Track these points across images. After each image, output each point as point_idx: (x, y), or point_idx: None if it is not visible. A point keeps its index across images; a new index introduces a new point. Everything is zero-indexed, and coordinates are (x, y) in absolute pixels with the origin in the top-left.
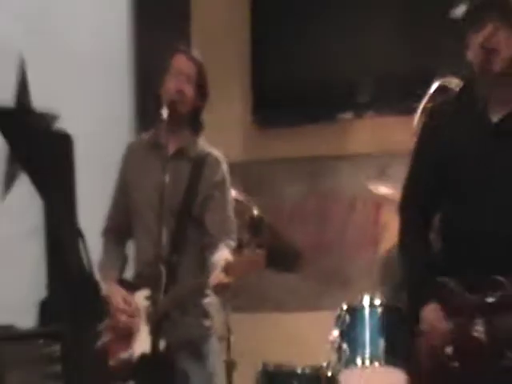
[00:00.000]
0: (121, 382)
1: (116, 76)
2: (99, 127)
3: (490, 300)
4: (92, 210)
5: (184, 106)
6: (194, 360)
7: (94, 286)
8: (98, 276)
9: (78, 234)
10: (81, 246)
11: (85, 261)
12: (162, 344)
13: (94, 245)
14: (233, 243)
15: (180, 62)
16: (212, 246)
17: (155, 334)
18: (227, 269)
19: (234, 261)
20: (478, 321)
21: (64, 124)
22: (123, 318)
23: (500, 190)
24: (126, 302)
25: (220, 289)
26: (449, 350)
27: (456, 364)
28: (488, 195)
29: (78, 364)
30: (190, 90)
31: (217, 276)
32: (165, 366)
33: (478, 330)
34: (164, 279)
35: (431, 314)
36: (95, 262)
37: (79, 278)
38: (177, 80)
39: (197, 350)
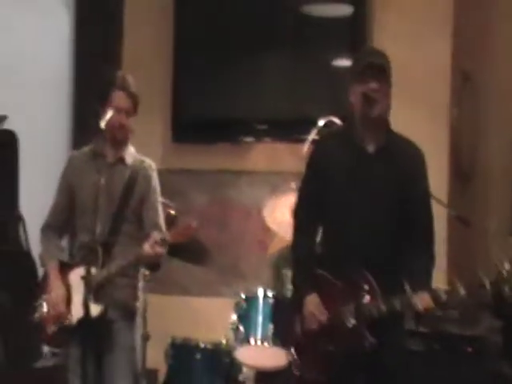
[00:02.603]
0: (52, 348)
1: (57, 87)
2: (42, 128)
3: (355, 289)
4: (32, 199)
5: (125, 134)
6: (124, 331)
7: (31, 264)
8: (36, 259)
9: (18, 218)
10: (21, 228)
11: (23, 242)
12: (99, 308)
13: (32, 229)
14: (162, 234)
15: (120, 100)
16: (146, 238)
17: (91, 300)
18: (159, 241)
19: (173, 231)
20: (349, 310)
21: (11, 124)
22: (56, 308)
23: (368, 204)
24: (62, 299)
25: (154, 258)
26: (325, 336)
27: (331, 348)
28: (359, 208)
29: (16, 329)
30: (129, 122)
31: (149, 247)
32: (100, 329)
33: (350, 320)
34: (101, 257)
35: (312, 304)
36: (34, 245)
37: (18, 256)
38: (118, 116)
39: (127, 324)
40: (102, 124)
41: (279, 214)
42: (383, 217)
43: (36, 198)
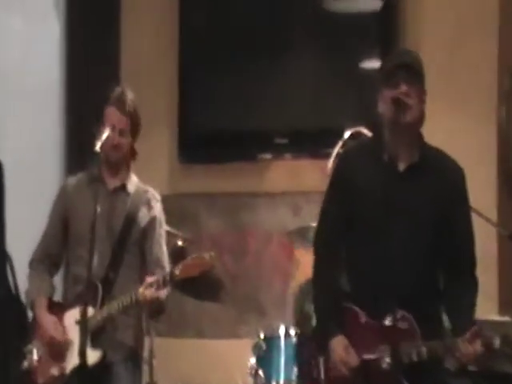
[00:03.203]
0: None
1: (47, 108)
2: (30, 156)
3: (392, 328)
4: (21, 234)
5: (120, 155)
6: (126, 377)
7: (20, 309)
8: (24, 300)
9: (5, 256)
10: (8, 268)
11: (11, 283)
12: (97, 355)
13: (20, 269)
14: (167, 276)
15: (113, 117)
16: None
17: (87, 346)
18: (156, 282)
19: (183, 264)
20: (384, 350)
21: None
22: (54, 341)
23: (401, 230)
24: (56, 327)
25: (150, 303)
26: (360, 378)
27: None
28: (390, 235)
29: (4, 381)
30: (124, 141)
31: (144, 291)
32: (99, 375)
33: (386, 361)
34: (100, 295)
35: (341, 348)
36: (21, 286)
37: (5, 299)
38: (112, 135)
39: (130, 369)
40: (97, 146)
41: None
42: (418, 244)
43: (25, 233)
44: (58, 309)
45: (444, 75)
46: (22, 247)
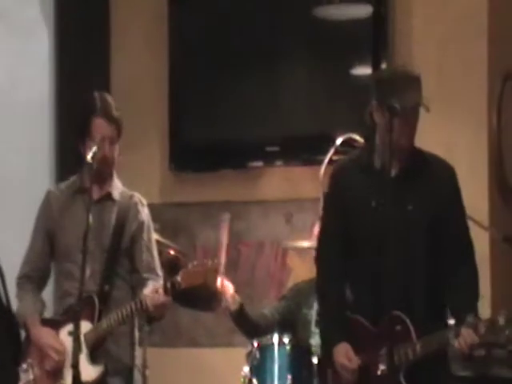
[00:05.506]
0: None
1: (37, 121)
2: (20, 168)
3: (388, 331)
4: (10, 248)
5: (109, 166)
6: None
7: (12, 321)
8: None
9: None
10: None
11: (2, 297)
12: (99, 370)
13: (11, 281)
14: (160, 280)
15: (102, 128)
16: (141, 284)
17: (88, 361)
18: (161, 288)
19: (185, 272)
20: (380, 356)
21: None
22: (55, 355)
23: (397, 234)
24: (55, 339)
25: (159, 308)
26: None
27: None
28: (387, 240)
29: None
30: (112, 151)
31: (153, 296)
32: None
33: (380, 367)
34: (97, 308)
35: (341, 354)
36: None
37: None
38: (102, 146)
39: (123, 382)
40: (89, 157)
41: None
42: (415, 247)
43: (15, 246)
44: (50, 325)
45: (434, 79)
46: (12, 258)
